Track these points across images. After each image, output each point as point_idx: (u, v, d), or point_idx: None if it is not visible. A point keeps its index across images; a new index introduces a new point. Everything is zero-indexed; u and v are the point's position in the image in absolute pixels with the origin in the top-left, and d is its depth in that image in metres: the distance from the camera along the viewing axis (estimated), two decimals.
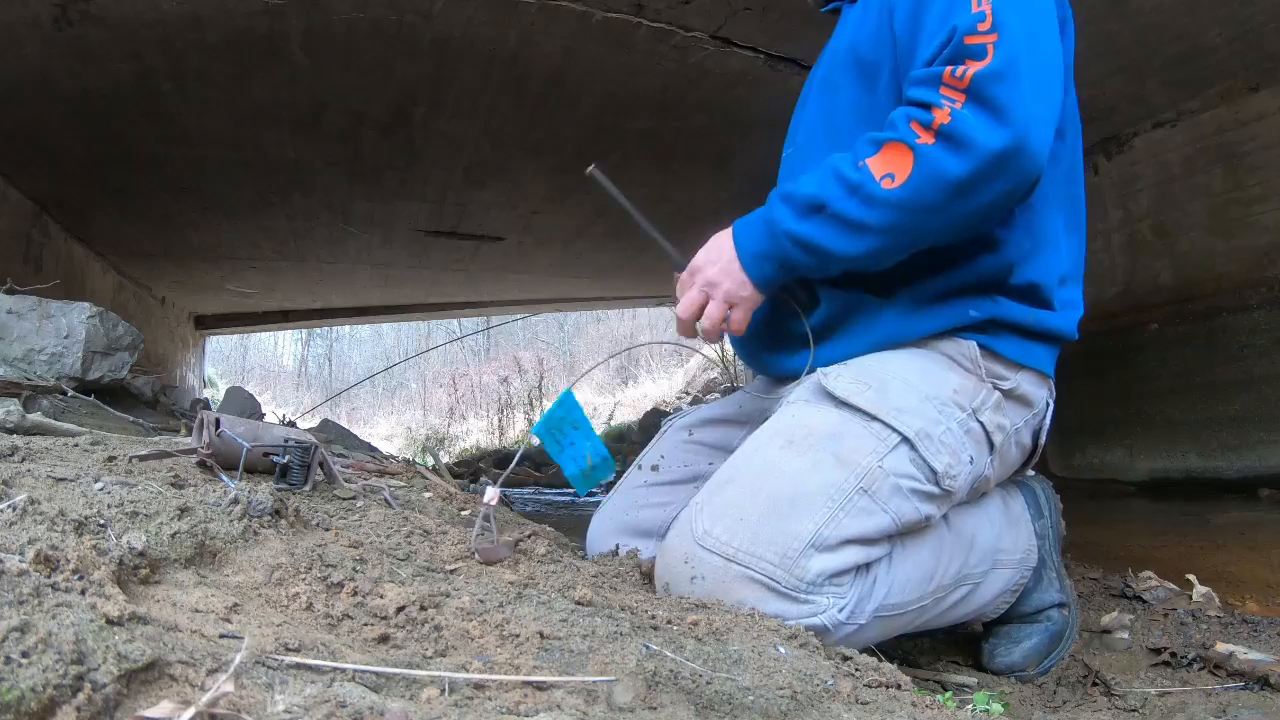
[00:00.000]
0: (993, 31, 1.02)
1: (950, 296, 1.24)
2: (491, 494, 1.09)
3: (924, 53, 1.10)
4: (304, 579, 0.79)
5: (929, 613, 1.24)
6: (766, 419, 1.27)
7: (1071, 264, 1.33)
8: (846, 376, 1.20)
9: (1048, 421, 1.33)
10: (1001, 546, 1.33)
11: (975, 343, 1.22)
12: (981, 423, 1.21)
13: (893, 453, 1.12)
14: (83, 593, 0.56)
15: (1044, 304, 1.26)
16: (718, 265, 1.21)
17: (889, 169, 1.06)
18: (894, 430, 1.13)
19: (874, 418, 1.14)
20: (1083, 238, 1.37)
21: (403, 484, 1.52)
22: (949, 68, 1.04)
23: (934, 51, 1.08)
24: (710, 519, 1.10)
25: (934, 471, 1.13)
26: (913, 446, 1.12)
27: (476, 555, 1.02)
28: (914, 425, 1.13)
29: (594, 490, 1.21)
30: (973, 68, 1.02)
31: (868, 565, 1.13)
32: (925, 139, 1.04)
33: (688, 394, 12.57)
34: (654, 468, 1.55)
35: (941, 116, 1.03)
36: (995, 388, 1.23)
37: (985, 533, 1.30)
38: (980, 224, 1.13)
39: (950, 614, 1.30)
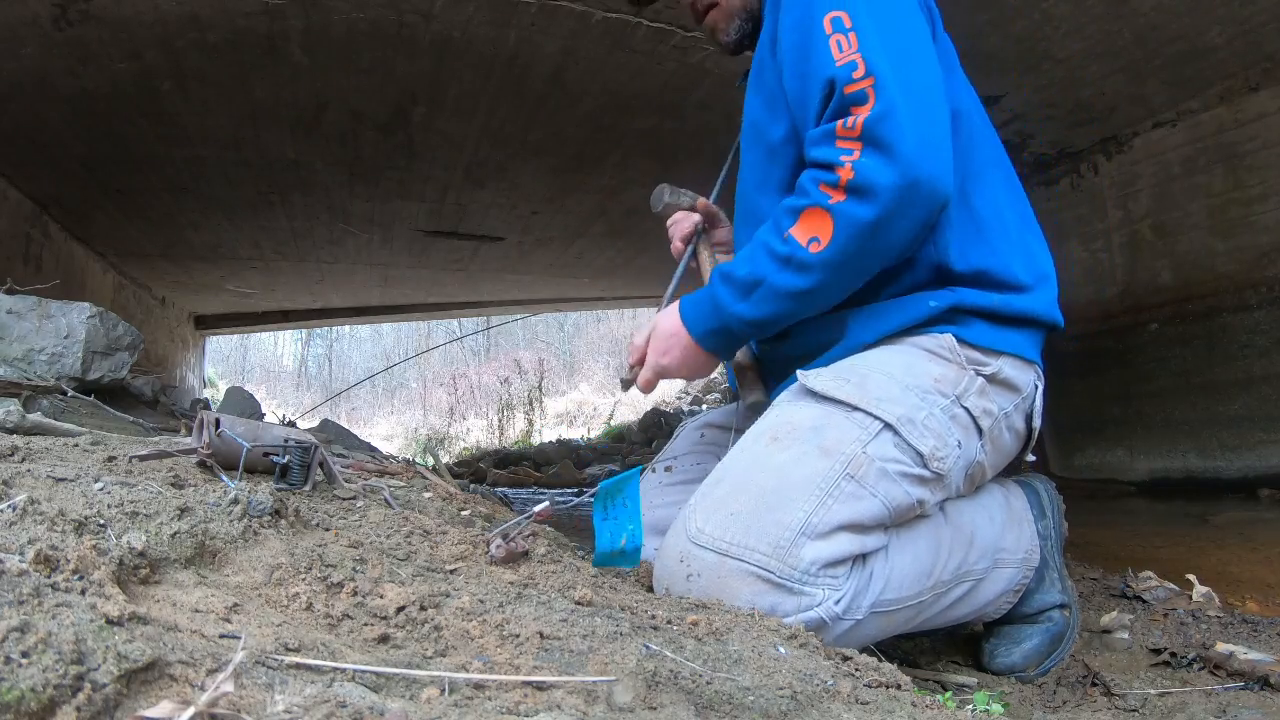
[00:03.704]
0: (868, 76, 1.10)
1: (905, 294, 1.28)
2: (543, 507, 1.08)
3: (813, 109, 1.18)
4: (304, 579, 0.79)
5: (928, 610, 1.24)
6: None
7: (1026, 242, 1.35)
8: (826, 375, 1.23)
9: (1038, 404, 1.34)
10: (1003, 545, 1.33)
11: (951, 334, 1.25)
12: (966, 408, 1.22)
13: (876, 439, 1.14)
14: (83, 593, 0.56)
15: (1006, 288, 1.29)
16: (675, 353, 1.31)
17: (812, 233, 1.14)
18: (875, 418, 1.15)
19: (855, 408, 1.17)
20: (1030, 214, 1.40)
21: (403, 484, 1.52)
22: (839, 121, 1.12)
23: (819, 106, 1.16)
24: (703, 517, 1.12)
25: (920, 454, 1.15)
26: (896, 432, 1.15)
27: (496, 553, 1.02)
28: (895, 412, 1.16)
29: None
30: (860, 115, 1.10)
31: (864, 558, 1.14)
32: (837, 198, 1.12)
33: (687, 394, 12.57)
34: (667, 468, 1.57)
35: (845, 174, 1.10)
36: (978, 374, 1.25)
37: (985, 529, 1.30)
38: (905, 250, 1.20)
39: (951, 613, 1.30)
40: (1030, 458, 1.41)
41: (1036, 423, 1.35)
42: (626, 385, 1.39)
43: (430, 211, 4.91)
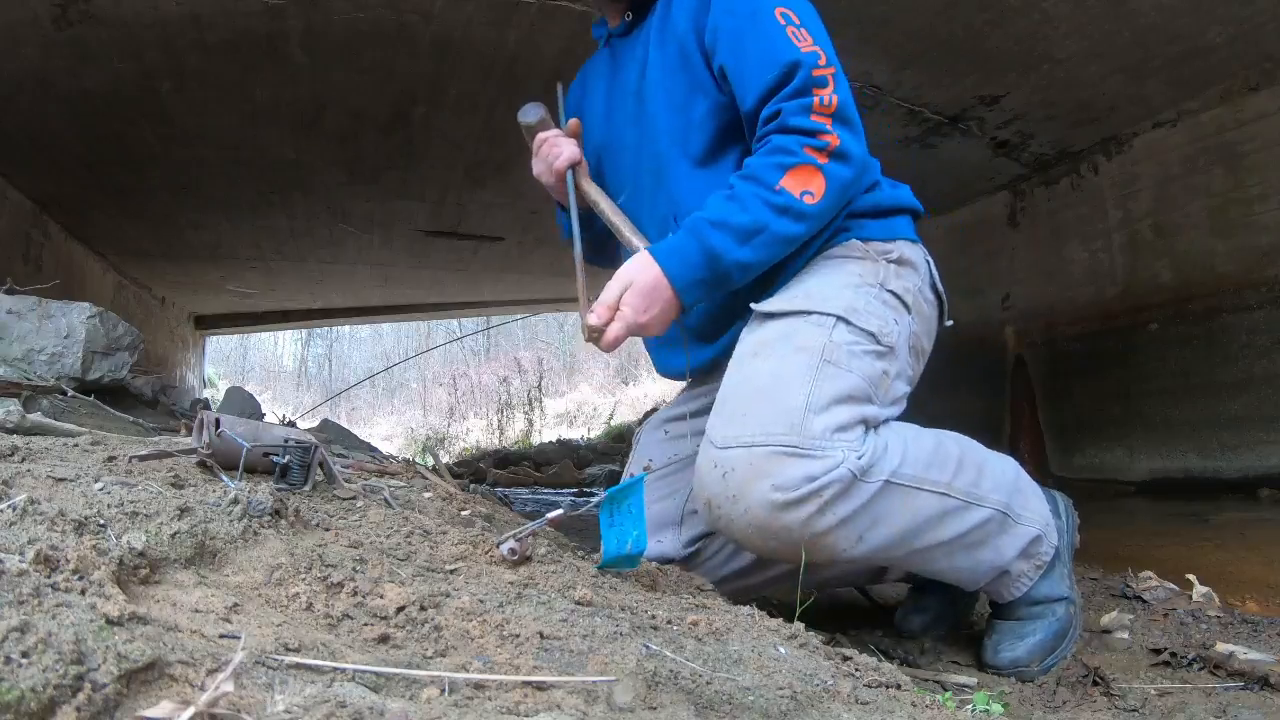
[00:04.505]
0: (829, 65, 1.32)
1: None
2: (557, 514, 1.12)
3: (765, 84, 1.33)
4: (304, 579, 0.79)
5: (952, 523, 1.31)
6: None
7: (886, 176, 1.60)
8: (775, 300, 1.41)
9: (936, 274, 1.55)
10: (1020, 501, 1.40)
11: (853, 238, 1.45)
12: (892, 290, 1.43)
13: (835, 329, 1.34)
14: (83, 593, 0.56)
15: (877, 188, 1.51)
16: (654, 310, 1.33)
17: (805, 187, 1.31)
18: (828, 314, 1.35)
19: (810, 312, 1.36)
20: None
21: (403, 484, 1.52)
22: (815, 98, 1.31)
23: (776, 82, 1.32)
24: (723, 428, 1.28)
25: (871, 334, 1.36)
26: (847, 321, 1.35)
27: (510, 557, 1.02)
28: (841, 305, 1.36)
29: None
30: (828, 96, 1.31)
31: (876, 428, 1.31)
32: (824, 159, 1.31)
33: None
34: (645, 469, 1.59)
35: (833, 140, 1.31)
36: (887, 261, 1.45)
37: (996, 468, 1.41)
38: None
39: (978, 553, 1.36)
40: (948, 322, 1.59)
41: (941, 289, 1.55)
42: (595, 336, 1.34)
43: (430, 211, 4.91)
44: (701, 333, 1.55)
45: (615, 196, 1.57)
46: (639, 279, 1.32)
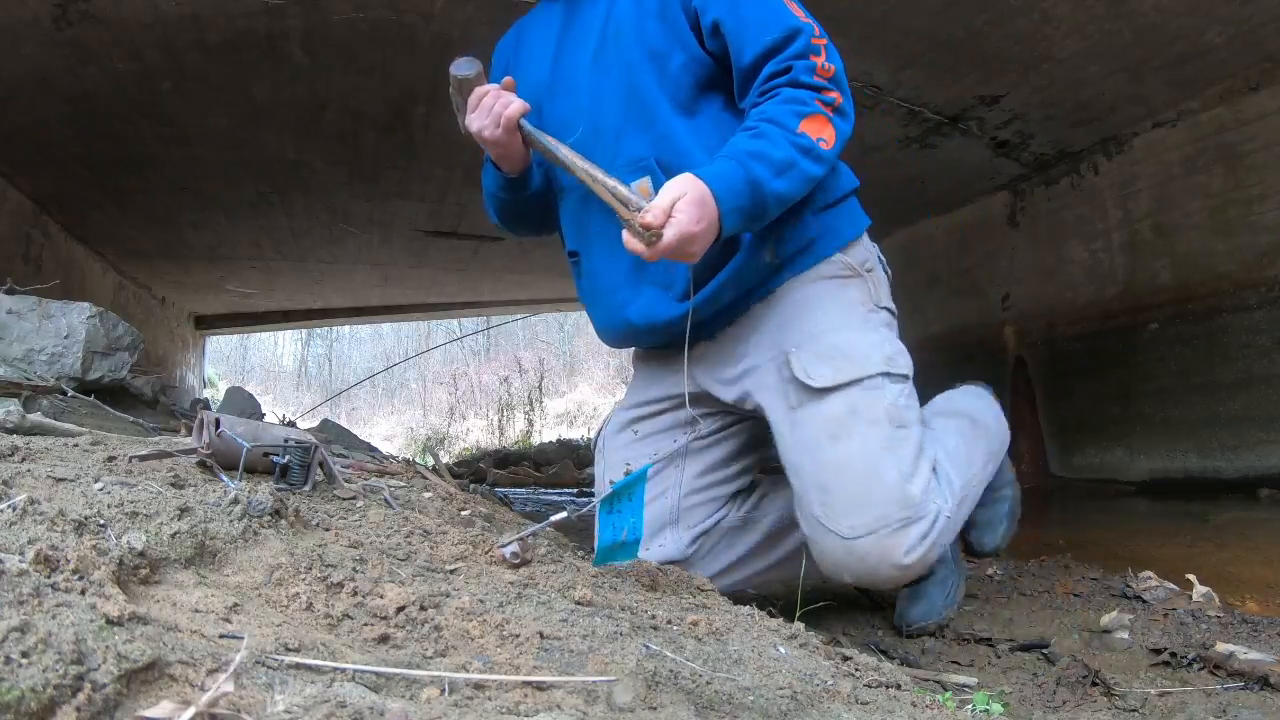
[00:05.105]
0: (823, 38, 1.43)
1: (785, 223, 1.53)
2: (561, 517, 1.12)
3: (763, 44, 1.41)
4: (304, 579, 0.79)
5: (988, 465, 1.68)
6: (697, 390, 1.58)
7: None
8: (816, 368, 1.49)
9: (881, 256, 1.66)
10: (993, 417, 1.79)
11: (834, 253, 1.54)
12: (884, 307, 1.59)
13: (886, 388, 1.49)
14: (83, 593, 0.56)
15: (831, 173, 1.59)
16: (704, 225, 1.29)
17: (819, 134, 1.39)
18: (874, 375, 1.48)
19: (859, 380, 1.48)
20: None
21: (403, 484, 1.52)
22: (818, 62, 1.41)
23: (776, 43, 1.41)
24: (845, 520, 1.44)
25: (905, 375, 1.52)
26: (889, 374, 1.49)
27: (512, 559, 1.02)
28: (880, 359, 1.50)
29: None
30: (825, 62, 1.41)
31: (935, 467, 1.53)
32: (830, 112, 1.41)
33: None
34: (626, 472, 1.57)
35: (837, 97, 1.42)
36: (868, 271, 1.57)
37: (986, 419, 1.74)
38: None
39: (992, 464, 1.73)
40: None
41: (887, 269, 1.67)
42: (654, 237, 1.24)
43: (430, 211, 4.91)
44: (672, 286, 1.51)
45: (562, 140, 1.49)
46: (690, 191, 1.27)
